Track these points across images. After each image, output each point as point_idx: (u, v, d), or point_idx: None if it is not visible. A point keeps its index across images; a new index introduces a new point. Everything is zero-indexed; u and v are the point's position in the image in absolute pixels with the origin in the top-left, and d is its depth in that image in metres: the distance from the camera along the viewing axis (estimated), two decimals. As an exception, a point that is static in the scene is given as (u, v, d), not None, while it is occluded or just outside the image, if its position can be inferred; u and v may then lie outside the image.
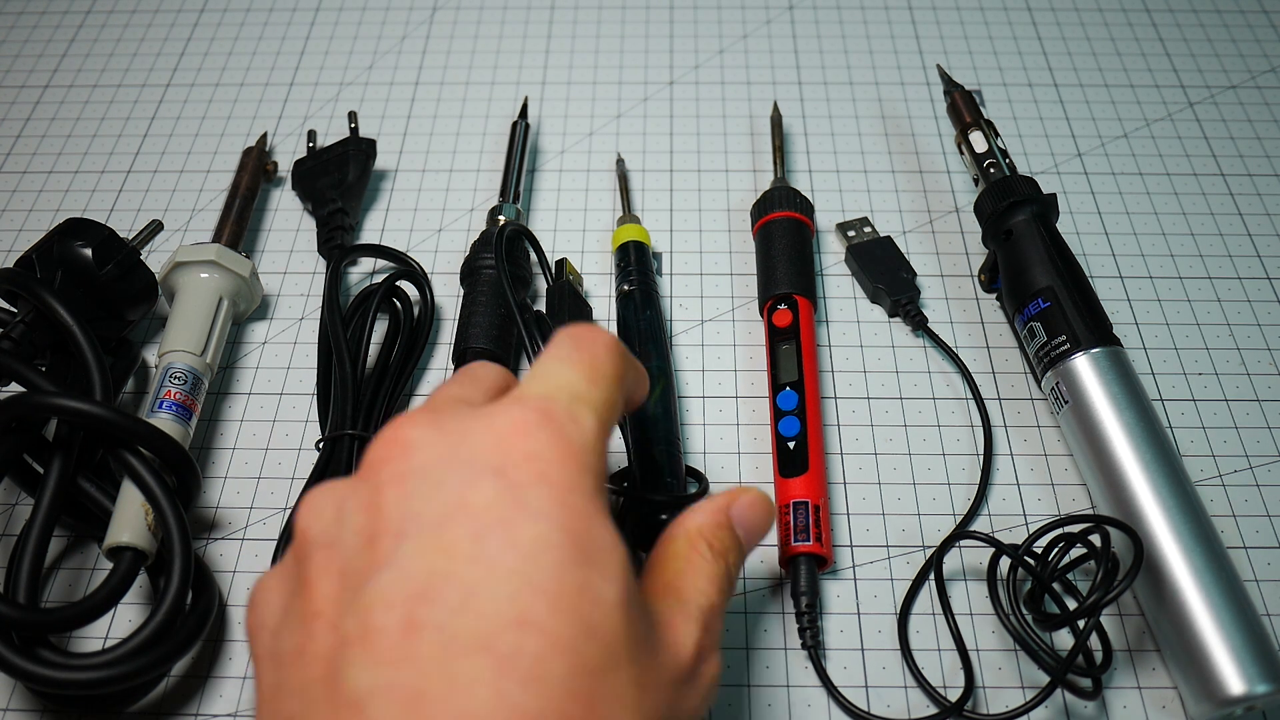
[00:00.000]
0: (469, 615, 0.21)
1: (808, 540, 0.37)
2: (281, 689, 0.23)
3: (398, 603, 0.22)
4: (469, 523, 0.22)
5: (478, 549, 0.22)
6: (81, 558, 0.39)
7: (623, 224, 0.47)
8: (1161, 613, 0.35)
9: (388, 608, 0.22)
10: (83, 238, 0.41)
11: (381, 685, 0.21)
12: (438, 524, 0.23)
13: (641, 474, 0.38)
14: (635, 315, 0.43)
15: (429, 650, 0.21)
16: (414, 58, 0.59)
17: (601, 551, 0.23)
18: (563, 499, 0.23)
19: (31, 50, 0.60)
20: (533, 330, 0.39)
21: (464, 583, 0.22)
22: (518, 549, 0.22)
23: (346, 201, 0.48)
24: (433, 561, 0.22)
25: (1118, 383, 0.38)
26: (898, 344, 0.45)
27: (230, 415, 0.43)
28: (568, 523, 0.23)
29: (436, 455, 0.24)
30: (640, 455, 0.38)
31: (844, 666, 0.36)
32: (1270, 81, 0.56)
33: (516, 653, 0.21)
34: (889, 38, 0.59)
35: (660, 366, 0.42)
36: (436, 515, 0.23)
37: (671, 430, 0.40)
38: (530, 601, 0.21)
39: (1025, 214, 0.43)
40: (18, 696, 0.35)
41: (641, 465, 0.38)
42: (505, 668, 0.21)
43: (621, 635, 0.22)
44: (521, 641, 0.21)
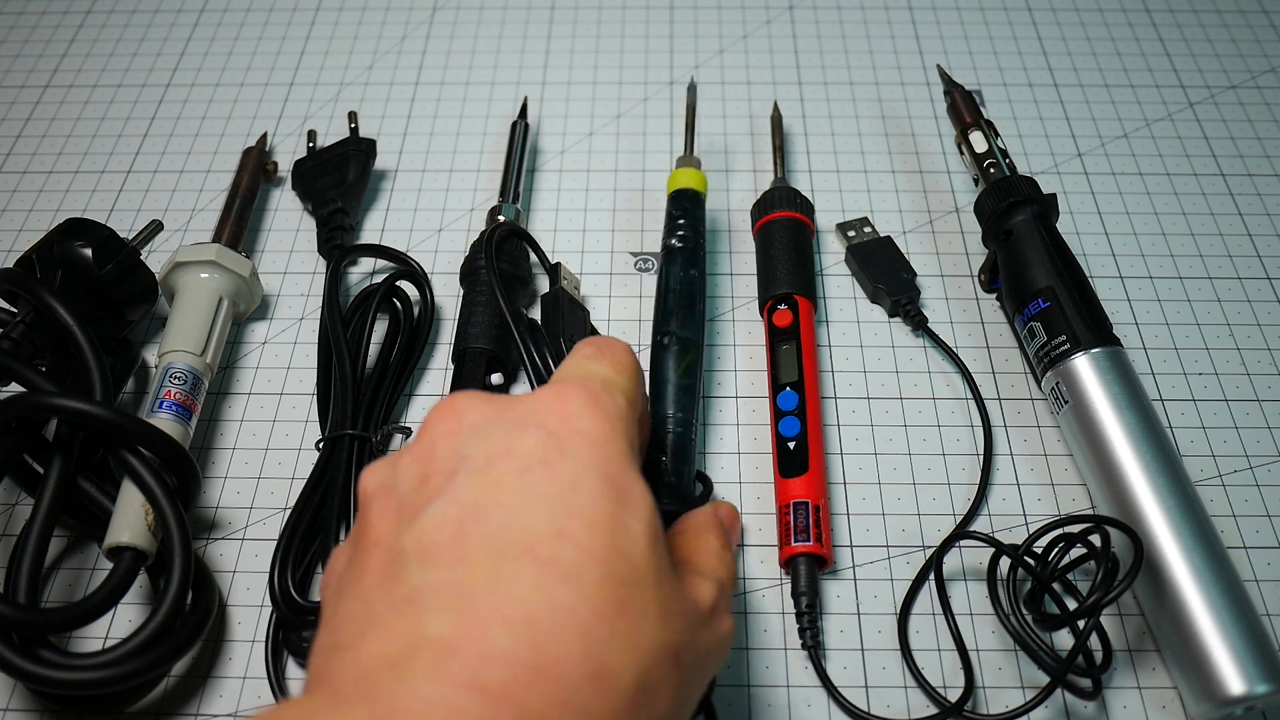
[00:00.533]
0: (513, 528, 0.24)
1: (808, 540, 0.37)
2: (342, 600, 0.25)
3: (450, 521, 0.24)
4: (514, 461, 0.25)
5: (522, 480, 0.25)
6: (81, 558, 0.39)
7: (682, 166, 0.44)
8: (1161, 613, 0.35)
9: (441, 525, 0.24)
10: (83, 238, 0.41)
11: (434, 582, 0.23)
12: (486, 463, 0.25)
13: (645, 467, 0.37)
14: (677, 274, 0.41)
15: (477, 554, 0.23)
16: (414, 58, 0.59)
17: (632, 496, 0.26)
18: (598, 449, 0.26)
19: (31, 50, 0.60)
20: (527, 341, 0.38)
21: (509, 505, 0.24)
22: (557, 482, 0.25)
23: (346, 201, 0.48)
24: (482, 490, 0.25)
25: (1118, 383, 0.38)
26: (898, 344, 0.45)
27: (230, 415, 0.43)
28: (602, 468, 0.25)
29: (486, 416, 0.27)
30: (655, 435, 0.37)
31: (844, 666, 0.36)
32: (1270, 81, 0.56)
33: (556, 557, 0.23)
34: (889, 38, 0.59)
35: (693, 337, 0.40)
36: (485, 456, 0.25)
37: (691, 408, 0.38)
38: (568, 521, 0.24)
39: (1025, 214, 0.43)
40: (18, 696, 0.35)
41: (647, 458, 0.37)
42: (546, 567, 0.23)
43: (648, 562, 0.25)
44: (560, 549, 0.24)
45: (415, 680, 0.22)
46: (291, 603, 0.36)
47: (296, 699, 0.23)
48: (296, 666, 0.36)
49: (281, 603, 0.36)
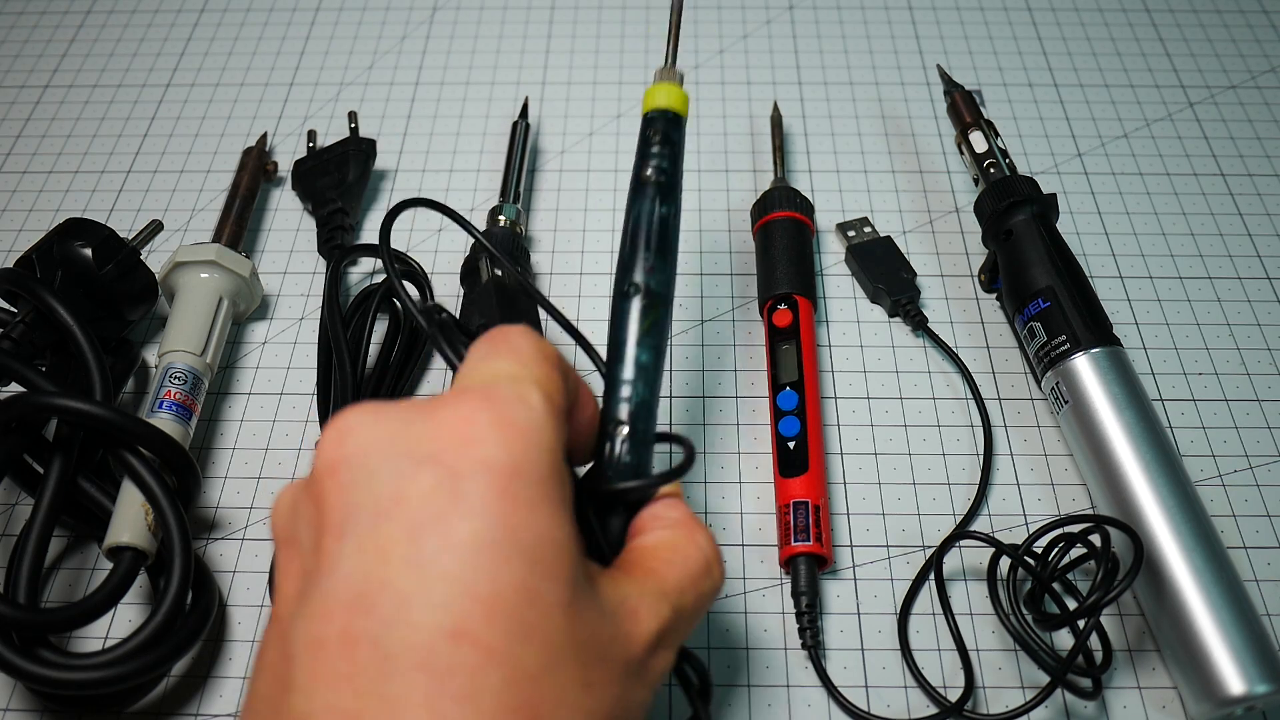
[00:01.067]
0: (403, 627, 0.21)
1: (808, 540, 0.37)
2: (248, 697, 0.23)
3: (337, 613, 0.21)
4: (405, 519, 0.22)
5: (412, 550, 0.21)
6: (81, 558, 0.39)
7: (661, 80, 0.35)
8: (1161, 613, 0.35)
9: (328, 619, 0.21)
10: (83, 238, 0.41)
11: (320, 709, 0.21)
12: (374, 520, 0.22)
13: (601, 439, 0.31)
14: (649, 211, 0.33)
15: (365, 670, 0.21)
16: (414, 58, 0.59)
17: (545, 546, 0.22)
18: (504, 488, 0.22)
19: (31, 50, 0.60)
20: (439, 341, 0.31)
21: (398, 591, 0.21)
22: (453, 551, 0.21)
23: (346, 201, 0.48)
24: (369, 567, 0.22)
25: (1118, 383, 0.38)
26: (898, 344, 0.45)
27: (230, 415, 0.43)
28: (508, 515, 0.22)
29: (373, 442, 0.23)
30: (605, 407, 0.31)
31: (844, 666, 0.36)
32: (1270, 81, 0.56)
33: (451, 668, 0.20)
34: (889, 38, 0.59)
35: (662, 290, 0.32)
36: (373, 509, 0.22)
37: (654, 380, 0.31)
38: (466, 609, 0.21)
39: (1025, 214, 0.43)
40: (18, 696, 0.35)
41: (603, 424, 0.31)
42: (440, 686, 0.20)
43: (563, 635, 0.22)
44: (455, 655, 0.21)
45: None
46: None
47: None
48: (296, 666, 0.36)
49: (281, 603, 0.36)
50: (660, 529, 0.28)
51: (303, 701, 0.21)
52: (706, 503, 0.40)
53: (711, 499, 0.40)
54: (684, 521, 0.28)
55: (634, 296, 0.31)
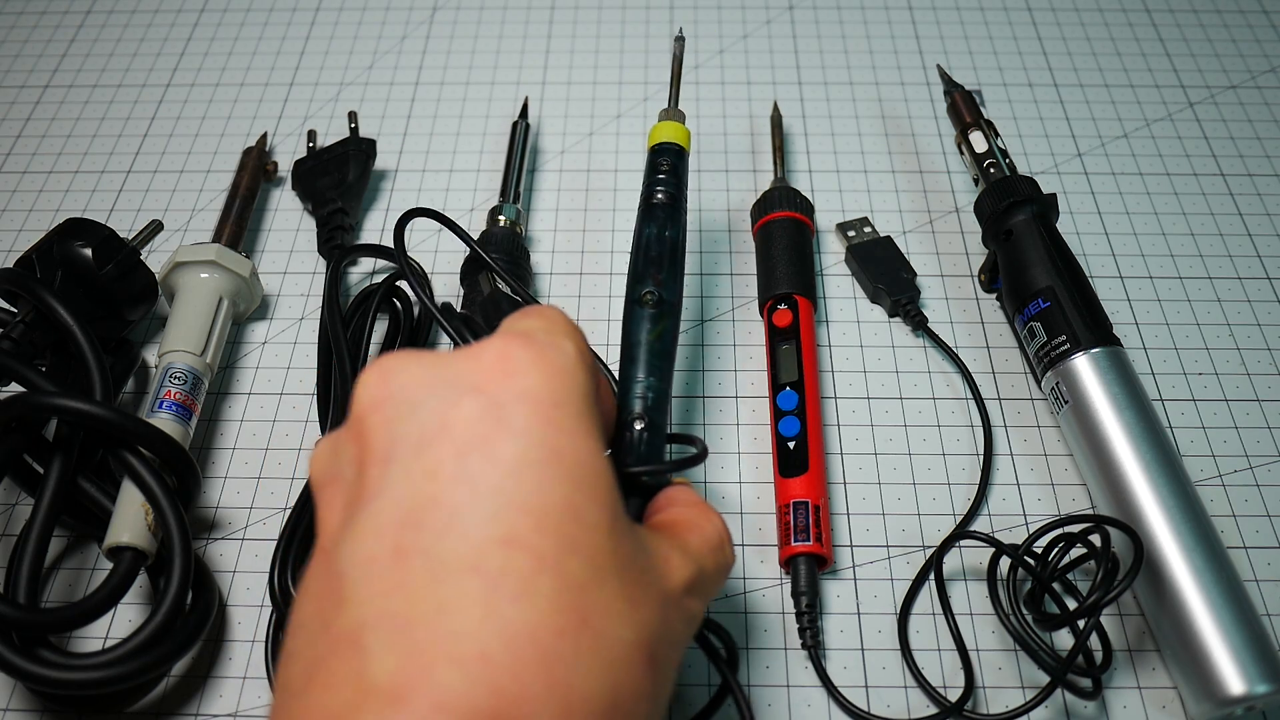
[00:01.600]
0: (454, 538, 0.21)
1: (808, 540, 0.37)
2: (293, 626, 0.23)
3: (387, 530, 0.22)
4: (451, 442, 0.22)
5: (460, 468, 0.22)
6: (81, 558, 0.39)
7: (665, 119, 0.40)
8: (1161, 613, 0.35)
9: (378, 536, 0.22)
10: (83, 238, 0.41)
11: (373, 615, 0.21)
12: (420, 445, 0.23)
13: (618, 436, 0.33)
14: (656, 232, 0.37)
15: (417, 577, 0.21)
16: (414, 58, 0.59)
17: (586, 470, 0.23)
18: (546, 415, 0.23)
19: (31, 50, 0.60)
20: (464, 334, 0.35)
21: (448, 505, 0.22)
22: (500, 466, 0.22)
23: (346, 201, 0.48)
24: (417, 485, 0.22)
25: (1118, 383, 0.38)
26: (898, 344, 0.45)
27: (230, 415, 0.43)
28: (551, 439, 0.23)
29: (416, 379, 0.24)
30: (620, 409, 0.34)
31: (844, 666, 0.36)
32: (1270, 81, 0.56)
33: (504, 571, 0.21)
34: (889, 38, 0.59)
35: (672, 299, 0.36)
36: (418, 436, 0.23)
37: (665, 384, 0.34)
38: (515, 520, 0.22)
39: (1025, 214, 0.43)
40: (18, 696, 0.35)
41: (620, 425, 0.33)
42: (494, 586, 0.21)
43: (608, 550, 0.23)
44: (508, 559, 0.21)
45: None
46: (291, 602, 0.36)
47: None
48: (296, 666, 0.36)
49: (281, 603, 0.36)
50: (677, 507, 0.29)
51: (355, 611, 0.21)
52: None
53: (711, 499, 0.40)
54: (698, 503, 0.30)
55: (647, 305, 0.35)
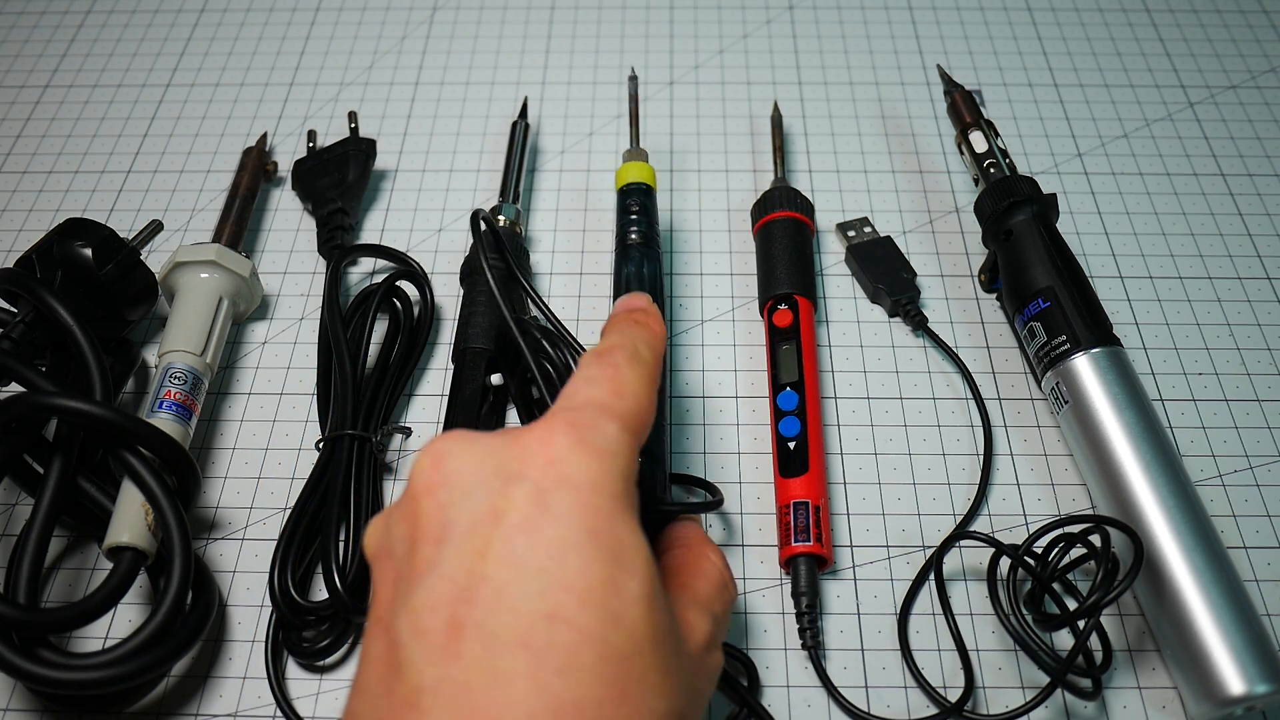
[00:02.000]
0: (504, 613, 0.23)
1: (808, 540, 0.37)
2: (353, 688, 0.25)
3: (441, 605, 0.24)
4: (499, 527, 0.24)
5: (508, 549, 0.24)
6: (81, 558, 0.39)
7: (629, 160, 0.43)
8: (1161, 613, 0.35)
9: (433, 610, 0.24)
10: (83, 238, 0.41)
11: (432, 681, 0.23)
12: (470, 529, 0.25)
13: None
14: (635, 269, 0.40)
15: (472, 648, 0.23)
16: (414, 58, 0.59)
17: (625, 549, 0.25)
18: (585, 500, 0.25)
19: (31, 50, 0.60)
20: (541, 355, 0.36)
21: (497, 583, 0.24)
22: (543, 547, 0.24)
23: (346, 201, 0.48)
24: (469, 564, 0.24)
25: (1118, 383, 0.38)
26: (898, 344, 0.45)
27: (230, 415, 0.43)
28: (590, 522, 0.25)
29: (468, 466, 0.26)
30: None
31: (844, 667, 0.36)
32: (1270, 81, 0.56)
33: (549, 646, 0.23)
34: (889, 38, 0.59)
35: None
36: (469, 521, 0.25)
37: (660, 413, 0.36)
38: (558, 597, 0.23)
39: (1025, 214, 0.43)
40: (18, 696, 0.35)
41: None
42: (541, 660, 0.23)
43: (646, 625, 0.24)
44: (553, 635, 0.23)
45: None
46: (291, 603, 0.36)
47: None
48: (297, 666, 0.36)
49: (281, 603, 0.36)
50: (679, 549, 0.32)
51: (415, 678, 0.23)
52: (706, 503, 0.40)
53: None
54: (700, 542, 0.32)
55: None
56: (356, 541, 0.37)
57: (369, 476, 0.39)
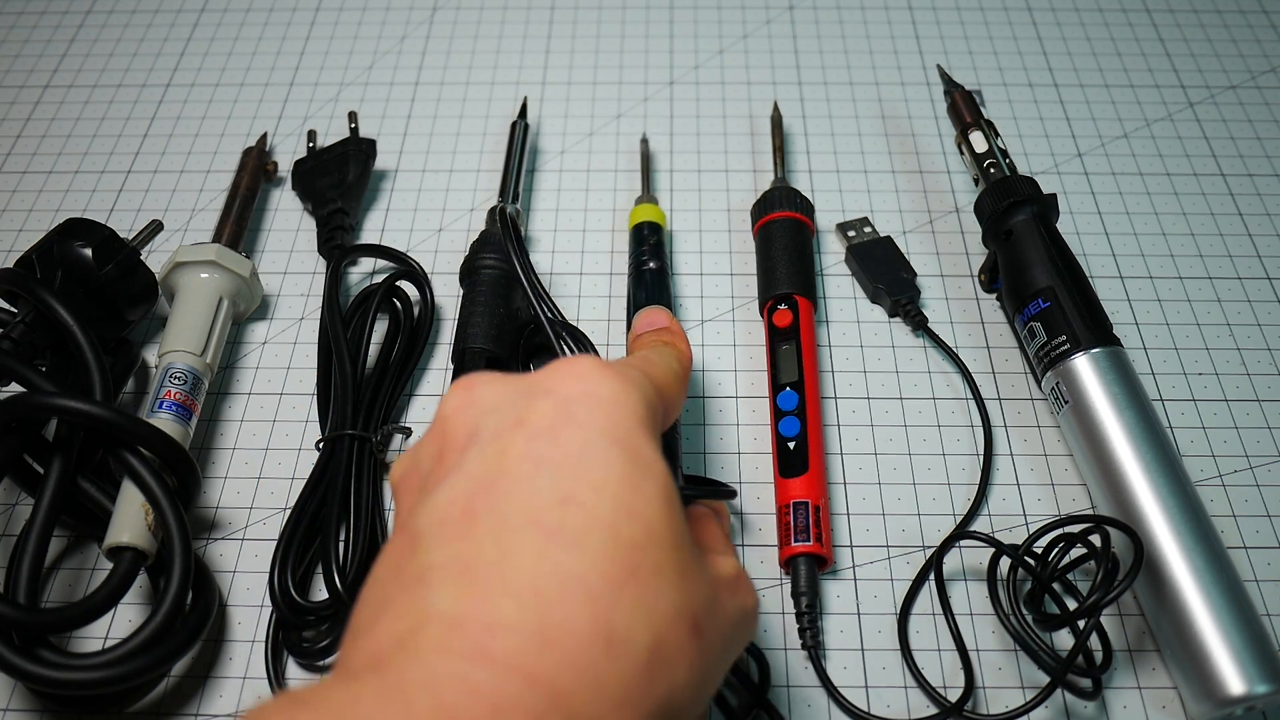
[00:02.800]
0: (519, 499, 0.24)
1: (808, 540, 0.37)
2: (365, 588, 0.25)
3: (459, 497, 0.24)
4: (524, 432, 0.25)
5: (528, 449, 0.25)
6: (81, 558, 0.39)
7: (641, 204, 0.48)
8: (1161, 613, 0.35)
9: (450, 502, 0.24)
10: (83, 238, 0.41)
11: (441, 559, 0.23)
12: (495, 435, 0.25)
13: None
14: (648, 295, 0.43)
15: (483, 529, 0.23)
16: (414, 58, 0.59)
17: (644, 457, 0.25)
18: (607, 411, 0.26)
19: (31, 50, 0.60)
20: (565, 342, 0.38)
21: (515, 475, 0.24)
22: (564, 448, 0.25)
23: (346, 201, 0.48)
24: (490, 462, 0.25)
25: (1118, 383, 0.38)
26: (898, 344, 0.45)
27: (230, 415, 0.43)
28: (611, 430, 0.25)
29: (496, 390, 0.27)
30: None
31: (844, 667, 0.36)
32: (1270, 81, 0.56)
33: (560, 524, 0.23)
34: (889, 38, 0.59)
35: None
36: (495, 428, 0.26)
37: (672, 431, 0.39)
38: (574, 486, 0.24)
39: (1025, 214, 0.43)
40: (18, 696, 0.35)
41: None
42: (550, 537, 0.23)
43: (662, 524, 0.24)
44: (564, 515, 0.23)
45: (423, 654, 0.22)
46: (291, 603, 0.36)
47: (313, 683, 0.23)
48: (297, 666, 0.36)
49: (281, 603, 0.36)
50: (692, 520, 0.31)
51: (425, 557, 0.24)
52: (706, 503, 0.40)
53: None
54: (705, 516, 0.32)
55: None
56: (356, 541, 0.37)
57: (369, 476, 0.39)
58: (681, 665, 0.23)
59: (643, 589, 0.23)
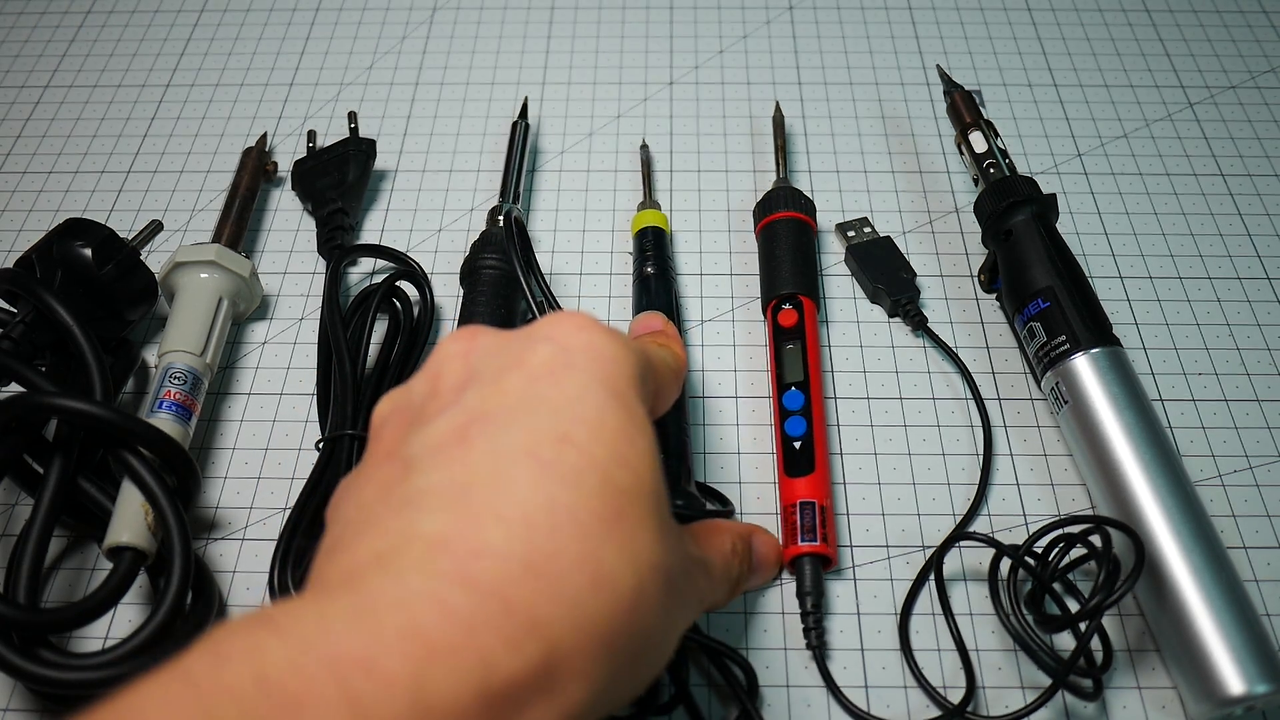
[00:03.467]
0: (516, 431, 0.24)
1: (814, 540, 0.37)
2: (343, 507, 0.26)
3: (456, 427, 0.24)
4: (524, 371, 0.25)
5: (529, 389, 0.25)
6: (81, 558, 0.39)
7: (644, 209, 0.48)
8: (1161, 613, 0.35)
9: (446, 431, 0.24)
10: (83, 238, 0.41)
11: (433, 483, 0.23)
12: (496, 374, 0.26)
13: None
14: (653, 299, 0.43)
15: (478, 456, 0.23)
16: (414, 58, 0.59)
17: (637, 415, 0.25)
18: (606, 365, 0.26)
19: (31, 50, 0.60)
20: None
21: (514, 410, 0.24)
22: (564, 390, 0.25)
23: (346, 201, 0.48)
24: (490, 398, 0.25)
25: (1118, 383, 0.38)
26: (898, 344, 0.45)
27: (230, 415, 0.43)
28: (610, 382, 0.25)
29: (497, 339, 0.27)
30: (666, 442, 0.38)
31: (844, 667, 0.36)
32: (1270, 81, 0.56)
33: (557, 460, 0.23)
34: (889, 38, 0.59)
35: None
36: (495, 369, 0.26)
37: (681, 422, 0.40)
38: (572, 426, 0.24)
39: (1025, 214, 0.43)
40: (18, 696, 0.35)
41: None
42: (546, 469, 0.23)
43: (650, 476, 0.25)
44: (561, 452, 0.23)
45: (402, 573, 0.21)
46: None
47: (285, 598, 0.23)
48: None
49: (281, 603, 0.36)
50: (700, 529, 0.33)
51: (418, 480, 0.24)
52: (706, 503, 0.40)
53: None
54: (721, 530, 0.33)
55: None
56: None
57: (369, 476, 0.39)
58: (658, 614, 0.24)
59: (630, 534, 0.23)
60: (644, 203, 0.49)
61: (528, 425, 0.24)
